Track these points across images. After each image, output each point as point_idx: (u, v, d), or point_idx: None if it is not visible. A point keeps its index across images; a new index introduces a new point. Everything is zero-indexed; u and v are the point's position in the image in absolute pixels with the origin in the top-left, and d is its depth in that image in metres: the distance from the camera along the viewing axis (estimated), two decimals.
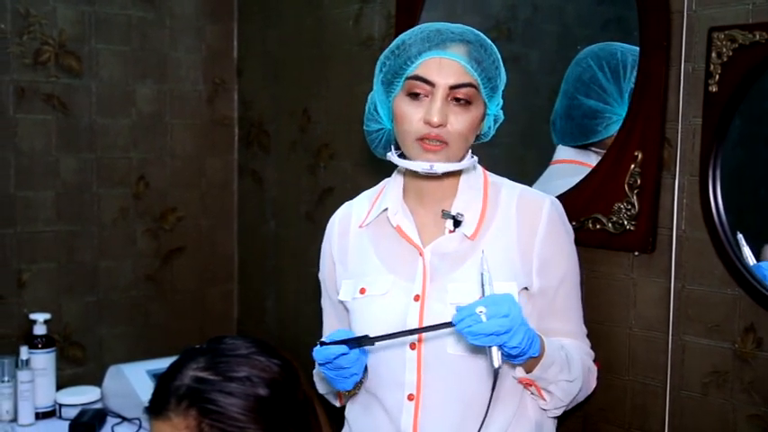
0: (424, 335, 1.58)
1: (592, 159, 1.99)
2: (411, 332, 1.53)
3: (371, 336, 1.54)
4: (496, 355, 1.43)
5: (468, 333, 1.40)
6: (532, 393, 1.64)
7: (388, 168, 1.78)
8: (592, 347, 1.77)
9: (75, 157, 2.80)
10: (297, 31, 2.85)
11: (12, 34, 2.66)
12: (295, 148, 2.87)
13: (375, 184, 1.85)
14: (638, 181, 1.84)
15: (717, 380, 1.75)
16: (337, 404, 1.80)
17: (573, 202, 1.91)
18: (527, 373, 1.58)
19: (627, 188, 1.86)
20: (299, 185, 2.86)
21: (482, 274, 1.50)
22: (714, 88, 1.71)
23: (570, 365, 1.61)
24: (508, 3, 2.32)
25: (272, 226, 3.00)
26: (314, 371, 1.79)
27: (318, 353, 1.55)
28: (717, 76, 1.70)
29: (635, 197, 1.85)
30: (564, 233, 1.68)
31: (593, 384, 1.76)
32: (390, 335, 1.52)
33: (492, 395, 1.46)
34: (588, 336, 1.77)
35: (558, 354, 1.58)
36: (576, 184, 1.96)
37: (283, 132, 2.93)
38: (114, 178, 2.88)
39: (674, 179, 1.80)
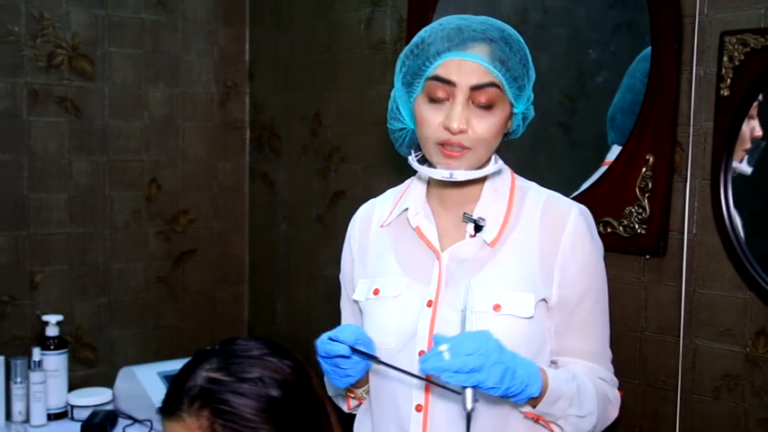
0: (434, 337, 1.48)
1: None
2: (415, 376, 1.44)
3: (382, 358, 1.47)
4: (469, 396, 1.34)
5: (432, 370, 1.32)
6: (542, 426, 1.53)
7: (399, 172, 1.78)
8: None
9: (88, 160, 2.81)
10: (308, 35, 2.86)
11: (26, 37, 2.68)
12: (306, 151, 2.88)
13: (386, 188, 1.83)
14: (650, 184, 1.84)
15: (728, 383, 1.75)
16: (345, 408, 1.76)
17: (584, 205, 1.91)
18: (533, 408, 1.46)
19: (638, 192, 1.86)
20: (309, 188, 2.87)
21: (462, 311, 1.43)
22: (726, 92, 1.71)
23: (582, 400, 1.48)
24: (519, 6, 2.32)
25: (283, 228, 3.01)
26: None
27: (322, 344, 1.48)
28: (728, 80, 1.70)
29: (646, 201, 1.85)
30: (591, 244, 1.56)
31: (615, 414, 1.60)
32: (399, 369, 1.44)
33: None
34: (614, 362, 1.62)
35: (566, 387, 1.45)
36: (588, 188, 1.96)
37: (294, 136, 2.94)
38: (126, 181, 2.90)
39: (686, 183, 1.80)
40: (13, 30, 2.65)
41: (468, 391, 1.35)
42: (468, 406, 1.35)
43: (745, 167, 1.74)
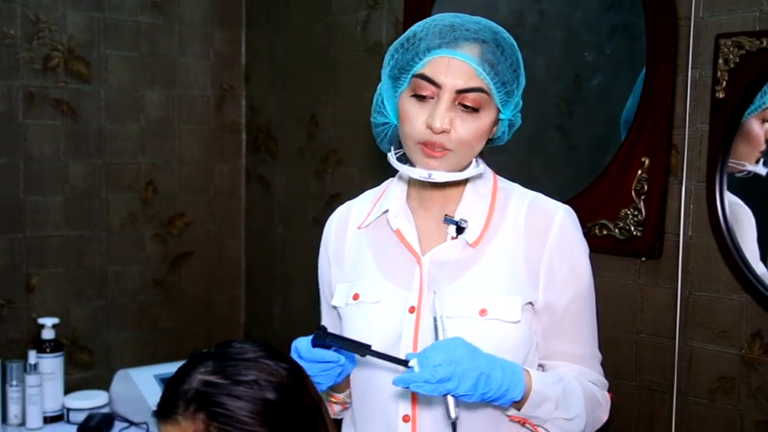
0: (418, 351, 1.44)
1: None
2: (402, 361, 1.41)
3: (361, 362, 1.44)
4: (450, 404, 1.34)
5: (400, 382, 1.33)
6: (528, 430, 1.49)
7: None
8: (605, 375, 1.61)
9: (84, 163, 2.81)
10: (304, 38, 2.86)
11: (22, 40, 2.67)
12: (302, 153, 2.88)
13: None
14: (645, 187, 1.84)
15: (724, 386, 1.75)
16: (330, 414, 1.70)
17: (580, 207, 1.90)
18: (517, 410, 1.42)
19: (634, 194, 1.86)
20: (306, 191, 2.87)
21: (434, 318, 1.41)
22: (721, 95, 1.71)
23: (568, 402, 1.44)
24: (515, 9, 2.32)
25: (280, 231, 3.01)
26: None
27: (308, 350, 1.45)
28: (724, 83, 1.70)
29: (642, 203, 1.85)
30: (577, 246, 1.52)
31: (605, 417, 1.56)
32: (386, 356, 1.41)
33: None
34: (602, 363, 1.59)
35: (552, 389, 1.42)
36: (583, 190, 1.96)
37: (291, 138, 2.94)
38: (122, 183, 2.89)
39: (681, 185, 1.81)
40: (9, 32, 2.65)
41: (450, 399, 1.34)
42: (453, 414, 1.34)
43: (761, 169, 1.74)
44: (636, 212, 1.86)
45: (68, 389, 2.67)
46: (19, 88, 2.68)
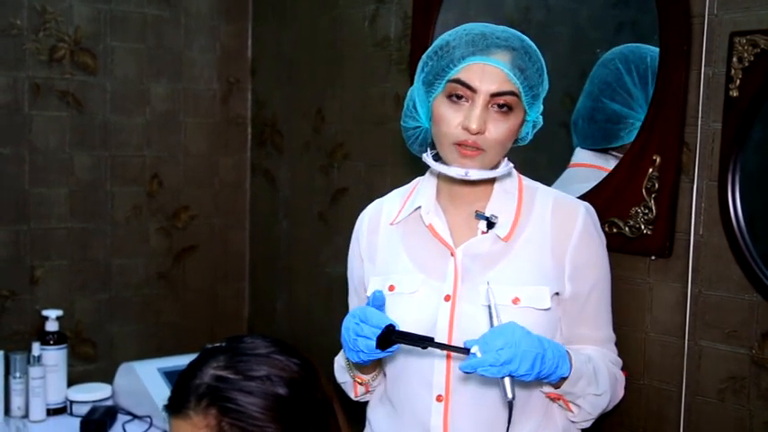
0: (454, 336, 1.59)
1: (611, 164, 1.98)
2: (459, 349, 1.50)
3: (401, 351, 1.56)
4: (508, 385, 1.45)
5: (467, 367, 1.43)
6: (560, 406, 1.65)
7: (403, 169, 1.78)
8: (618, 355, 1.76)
9: (89, 155, 2.80)
10: (311, 31, 2.85)
11: (28, 31, 2.66)
12: (308, 148, 2.87)
13: (389, 185, 1.86)
14: (656, 185, 1.83)
15: (733, 386, 1.75)
16: (351, 396, 1.80)
17: (590, 204, 1.90)
18: (555, 388, 1.58)
19: (645, 192, 1.85)
20: (311, 185, 2.86)
21: (488, 307, 1.51)
22: (735, 93, 1.70)
23: (598, 379, 1.60)
24: (521, 5, 2.31)
25: (285, 226, 3.00)
26: (336, 357, 1.81)
27: (364, 328, 1.53)
28: (737, 81, 1.69)
29: (653, 201, 1.84)
30: (598, 240, 1.68)
31: (621, 393, 1.74)
32: (444, 345, 1.52)
33: (509, 426, 1.49)
34: (616, 343, 1.76)
35: (585, 367, 1.57)
36: (594, 188, 1.95)
37: (297, 132, 2.93)
38: (128, 176, 2.89)
39: (693, 183, 1.80)
40: (16, 23, 2.64)
41: (507, 381, 1.45)
42: (509, 395, 1.45)
43: None
44: (646, 211, 1.85)
45: (72, 381, 2.68)
46: (25, 79, 2.67)
